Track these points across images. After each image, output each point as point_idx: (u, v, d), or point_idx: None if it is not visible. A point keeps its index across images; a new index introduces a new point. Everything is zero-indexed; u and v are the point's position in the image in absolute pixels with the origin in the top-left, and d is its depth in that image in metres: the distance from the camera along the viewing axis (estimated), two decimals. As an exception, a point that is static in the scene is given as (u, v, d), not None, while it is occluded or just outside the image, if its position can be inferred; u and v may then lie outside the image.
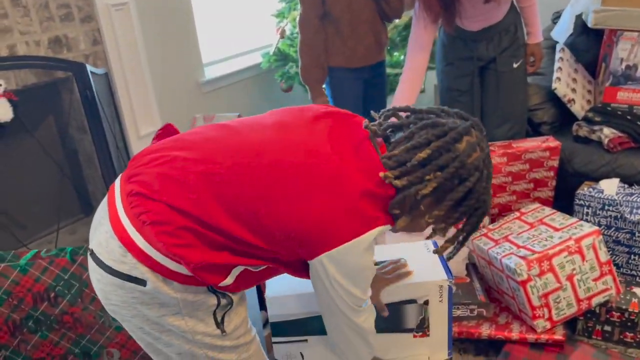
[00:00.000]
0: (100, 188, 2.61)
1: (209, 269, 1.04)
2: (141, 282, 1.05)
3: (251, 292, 1.83)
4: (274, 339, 1.50)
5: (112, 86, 2.56)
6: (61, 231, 2.58)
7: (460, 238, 1.16)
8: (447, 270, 1.48)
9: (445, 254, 1.20)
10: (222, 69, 3.46)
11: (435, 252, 1.20)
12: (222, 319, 1.13)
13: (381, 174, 1.06)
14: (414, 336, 1.51)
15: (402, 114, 1.18)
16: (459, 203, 1.09)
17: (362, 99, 2.60)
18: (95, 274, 1.11)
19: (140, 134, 2.78)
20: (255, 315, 1.84)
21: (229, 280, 1.08)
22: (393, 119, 1.17)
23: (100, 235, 1.09)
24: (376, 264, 1.45)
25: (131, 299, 1.07)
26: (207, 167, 1.05)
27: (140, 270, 1.04)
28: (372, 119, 2.86)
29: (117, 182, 1.14)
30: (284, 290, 1.45)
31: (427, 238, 1.22)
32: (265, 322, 1.92)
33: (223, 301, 1.12)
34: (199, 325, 1.11)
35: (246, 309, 1.21)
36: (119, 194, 1.10)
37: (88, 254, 1.13)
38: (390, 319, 1.49)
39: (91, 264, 1.12)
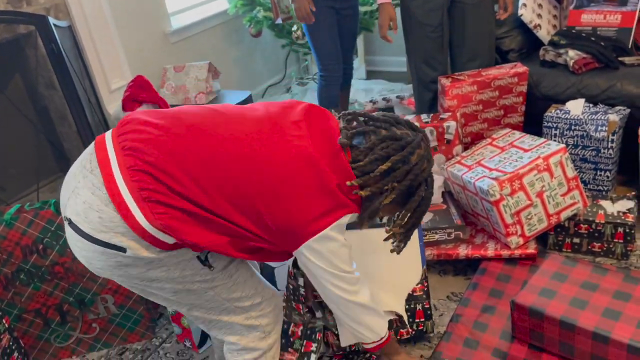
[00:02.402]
0: (76, 144, 2.60)
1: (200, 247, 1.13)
2: (121, 249, 1.10)
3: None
4: None
5: (77, 39, 2.51)
6: (41, 190, 2.58)
7: (404, 232, 1.32)
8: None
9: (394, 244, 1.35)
10: (189, 18, 3.40)
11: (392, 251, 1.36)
12: (206, 257, 1.19)
13: (348, 183, 1.18)
14: (386, 231, 1.58)
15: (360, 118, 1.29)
16: (414, 209, 1.26)
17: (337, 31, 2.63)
18: (75, 242, 1.15)
19: (111, 87, 2.75)
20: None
21: None
22: (355, 124, 1.28)
23: (77, 206, 1.11)
24: None
25: (114, 263, 1.13)
26: (210, 156, 1.12)
27: (119, 239, 1.09)
28: (345, 51, 2.81)
29: (110, 147, 1.13)
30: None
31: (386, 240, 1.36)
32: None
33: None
34: (187, 270, 1.18)
35: None
36: (115, 163, 1.10)
37: (66, 222, 1.15)
38: None
39: (70, 232, 1.15)
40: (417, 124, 2.21)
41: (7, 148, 2.51)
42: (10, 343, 1.65)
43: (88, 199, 1.10)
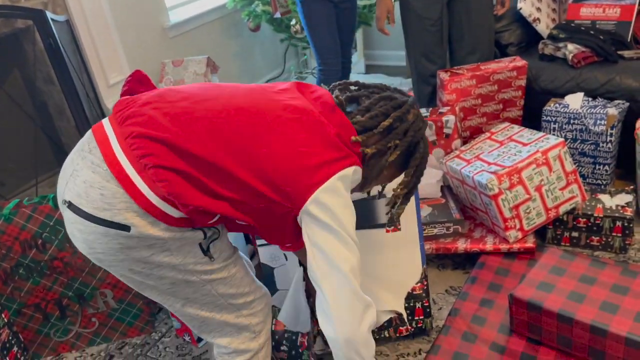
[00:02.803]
0: (75, 139, 2.59)
1: (204, 212, 1.09)
2: (125, 227, 1.07)
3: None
4: (259, 242, 1.59)
5: (75, 34, 2.50)
6: (40, 185, 2.58)
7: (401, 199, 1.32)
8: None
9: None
10: (187, 12, 3.39)
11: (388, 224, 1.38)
12: (208, 247, 1.18)
13: (353, 138, 1.16)
14: (387, 231, 1.59)
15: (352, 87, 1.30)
16: (416, 166, 1.27)
17: (336, 25, 2.63)
18: (76, 225, 1.11)
19: (109, 82, 2.75)
20: (242, 249, 1.90)
21: (216, 218, 1.14)
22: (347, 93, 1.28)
23: (77, 187, 1.09)
24: None
25: (117, 245, 1.10)
26: (208, 113, 1.11)
27: (122, 215, 1.06)
28: (344, 45, 2.81)
29: (107, 126, 1.13)
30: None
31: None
32: (252, 255, 1.99)
33: (209, 233, 1.18)
34: (188, 257, 1.16)
35: (226, 232, 1.27)
36: (114, 137, 1.10)
37: (65, 206, 1.12)
38: (364, 215, 1.57)
39: (70, 216, 1.12)
40: (415, 118, 2.22)
41: (6, 143, 2.51)
42: (10, 337, 1.66)
43: (88, 178, 1.08)
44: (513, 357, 1.55)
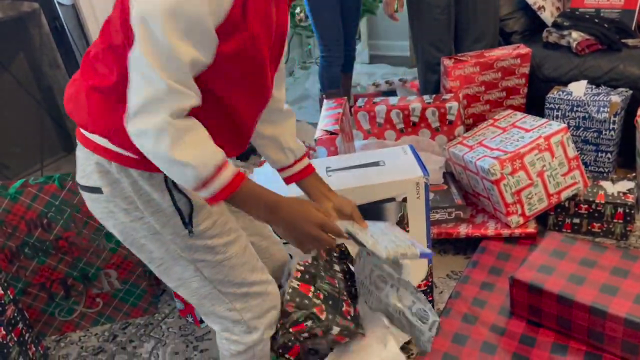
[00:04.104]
0: (80, 124, 2.61)
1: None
2: (97, 190, 1.07)
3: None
4: None
5: (81, 18, 2.51)
6: (45, 169, 2.60)
7: None
8: (423, 168, 1.56)
9: None
10: None
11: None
12: (190, 219, 1.10)
13: None
14: None
15: None
16: None
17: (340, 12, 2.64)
18: (85, 200, 1.14)
19: (114, 68, 2.75)
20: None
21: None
22: None
23: (77, 165, 1.12)
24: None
25: (104, 209, 1.10)
26: None
27: (93, 178, 1.06)
28: (347, 35, 2.81)
29: None
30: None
31: None
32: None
33: (179, 197, 1.08)
34: (167, 228, 1.10)
35: (222, 213, 1.16)
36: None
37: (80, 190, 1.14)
38: (372, 219, 1.58)
39: (84, 196, 1.14)
40: (419, 104, 2.23)
41: (11, 127, 2.53)
42: (15, 314, 1.68)
43: (78, 153, 1.10)
44: (513, 338, 1.57)
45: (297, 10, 3.33)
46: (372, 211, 1.57)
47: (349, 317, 1.30)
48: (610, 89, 2.20)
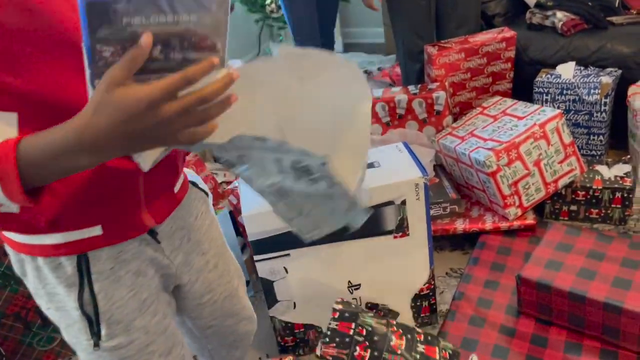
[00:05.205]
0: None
1: None
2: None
3: (226, 221, 1.79)
4: (256, 258, 1.47)
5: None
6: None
7: None
8: (421, 167, 1.47)
9: None
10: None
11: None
12: (99, 328, 0.86)
13: None
14: (394, 237, 1.51)
15: None
16: None
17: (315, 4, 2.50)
18: None
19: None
20: (233, 242, 1.80)
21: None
22: None
23: None
24: None
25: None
26: None
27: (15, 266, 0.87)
28: (325, 26, 2.69)
29: None
30: (261, 208, 1.41)
31: None
32: (243, 247, 1.90)
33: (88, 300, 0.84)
34: (69, 330, 0.88)
35: (147, 331, 0.89)
36: None
37: None
38: (370, 224, 1.49)
39: None
40: (405, 96, 2.14)
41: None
42: (-11, 352, 1.54)
43: None
44: (524, 339, 1.50)
45: (268, 0, 3.19)
46: (370, 215, 1.48)
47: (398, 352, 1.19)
48: (599, 69, 2.14)
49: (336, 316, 1.19)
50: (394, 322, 1.34)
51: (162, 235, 0.91)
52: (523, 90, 2.29)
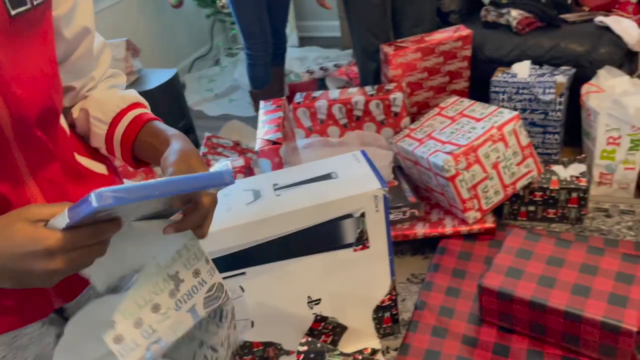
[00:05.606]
0: None
1: None
2: None
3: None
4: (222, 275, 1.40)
5: None
6: None
7: None
8: (380, 178, 1.42)
9: None
10: (99, -11, 3.06)
11: None
12: None
13: None
14: (354, 250, 1.47)
15: None
16: None
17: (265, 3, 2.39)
18: None
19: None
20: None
21: None
22: None
23: None
24: None
25: None
26: None
27: None
28: (277, 26, 2.58)
29: None
30: (216, 225, 1.33)
31: None
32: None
33: None
34: None
35: None
36: None
37: None
38: (329, 238, 1.43)
39: None
40: (362, 97, 2.09)
41: None
42: None
43: None
44: (486, 349, 1.49)
45: (218, -5, 3.08)
46: (327, 230, 1.42)
47: None
48: (553, 68, 2.14)
49: (301, 358, 1.14)
50: (360, 358, 1.30)
51: (71, 311, 0.75)
52: (480, 89, 2.28)
